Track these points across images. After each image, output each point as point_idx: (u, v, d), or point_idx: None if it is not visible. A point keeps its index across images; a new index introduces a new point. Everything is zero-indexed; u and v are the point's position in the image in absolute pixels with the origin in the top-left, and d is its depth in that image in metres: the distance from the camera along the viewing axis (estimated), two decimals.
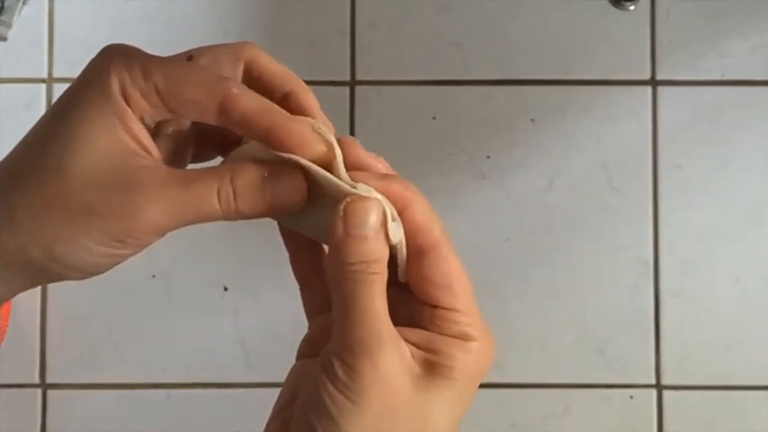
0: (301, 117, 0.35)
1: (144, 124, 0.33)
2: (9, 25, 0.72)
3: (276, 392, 0.36)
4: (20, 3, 0.72)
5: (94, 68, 0.34)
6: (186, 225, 0.33)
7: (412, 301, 0.35)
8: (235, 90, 0.33)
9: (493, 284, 0.70)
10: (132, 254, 0.33)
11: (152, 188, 0.32)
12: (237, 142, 0.37)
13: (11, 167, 0.33)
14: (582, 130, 0.72)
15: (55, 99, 0.71)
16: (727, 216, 0.71)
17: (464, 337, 0.34)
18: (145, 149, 0.33)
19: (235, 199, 0.33)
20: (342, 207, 0.32)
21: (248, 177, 0.33)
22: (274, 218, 0.35)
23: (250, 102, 0.33)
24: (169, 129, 0.36)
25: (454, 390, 0.33)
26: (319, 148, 0.33)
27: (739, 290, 0.71)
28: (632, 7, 0.72)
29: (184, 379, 0.71)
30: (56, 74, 0.72)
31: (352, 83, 0.72)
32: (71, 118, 0.32)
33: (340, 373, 0.31)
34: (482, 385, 0.35)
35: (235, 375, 0.71)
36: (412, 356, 0.33)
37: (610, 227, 0.71)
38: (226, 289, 0.71)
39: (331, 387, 0.31)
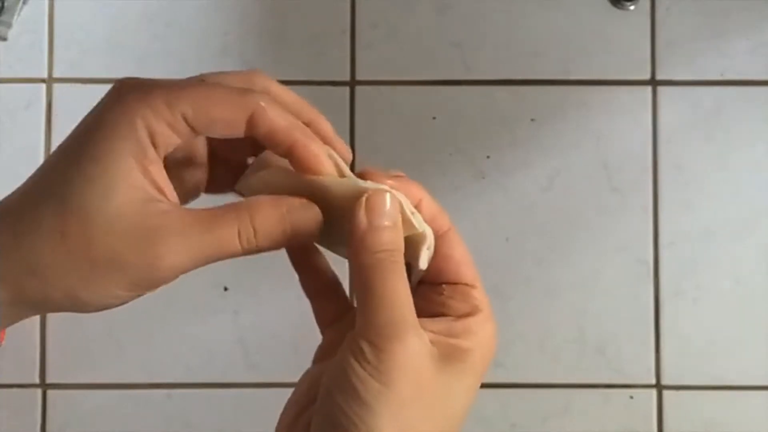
0: (319, 142, 0.36)
1: (166, 158, 0.33)
2: (9, 25, 0.72)
3: (276, 392, 0.36)
4: (20, 3, 0.72)
5: (111, 108, 0.33)
6: (208, 264, 0.34)
7: (423, 288, 0.37)
8: (263, 103, 0.34)
9: (493, 284, 0.70)
10: (152, 292, 0.34)
11: (174, 235, 0.33)
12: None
13: (29, 210, 0.33)
14: (582, 130, 0.72)
15: (55, 99, 0.72)
16: (727, 216, 0.71)
17: (478, 311, 0.36)
18: (162, 192, 0.33)
19: (255, 237, 0.34)
20: (363, 200, 0.34)
21: (267, 215, 0.34)
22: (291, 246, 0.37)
23: (278, 116, 0.34)
24: (181, 161, 0.36)
25: (471, 374, 0.35)
26: (329, 172, 0.35)
27: (739, 290, 0.71)
28: (632, 7, 0.72)
29: (184, 379, 0.71)
30: (56, 74, 0.72)
31: (352, 83, 0.72)
32: (88, 164, 0.32)
33: (369, 355, 0.32)
34: (482, 385, 0.35)
35: (235, 375, 0.71)
36: (432, 342, 0.34)
37: (610, 227, 0.71)
38: (226, 289, 0.71)
39: (360, 370, 0.32)
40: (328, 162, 0.35)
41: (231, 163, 0.38)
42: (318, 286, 0.39)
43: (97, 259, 0.32)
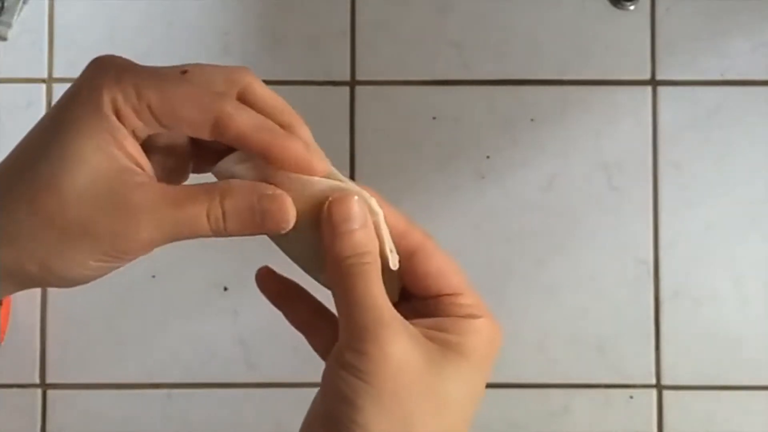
0: (296, 136, 0.35)
1: (136, 137, 0.33)
2: (9, 25, 0.72)
3: (276, 392, 0.36)
4: (20, 3, 0.72)
5: (85, 84, 0.34)
6: (178, 240, 0.34)
7: (415, 303, 0.36)
8: (228, 109, 0.33)
9: (493, 284, 0.70)
10: (123, 265, 0.34)
11: (145, 208, 0.33)
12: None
13: (3, 181, 0.33)
14: (582, 129, 0.72)
15: (55, 99, 0.72)
16: (727, 216, 0.71)
17: (471, 316, 0.35)
18: (138, 164, 0.33)
19: (224, 220, 0.34)
20: (325, 207, 0.34)
21: (238, 199, 0.34)
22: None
23: (245, 120, 0.33)
24: (164, 144, 0.36)
25: (468, 366, 0.35)
26: (321, 165, 0.34)
27: (739, 290, 0.71)
28: (632, 7, 0.72)
29: (184, 379, 0.71)
30: (56, 74, 0.72)
31: (352, 83, 0.72)
32: (63, 136, 0.33)
33: (349, 358, 0.33)
34: None
35: (235, 375, 0.71)
36: (425, 336, 0.34)
37: (610, 227, 0.71)
38: (226, 289, 0.71)
39: (343, 372, 0.33)
40: (310, 153, 0.34)
41: (214, 147, 0.38)
42: (303, 318, 0.39)
43: (69, 227, 0.32)
